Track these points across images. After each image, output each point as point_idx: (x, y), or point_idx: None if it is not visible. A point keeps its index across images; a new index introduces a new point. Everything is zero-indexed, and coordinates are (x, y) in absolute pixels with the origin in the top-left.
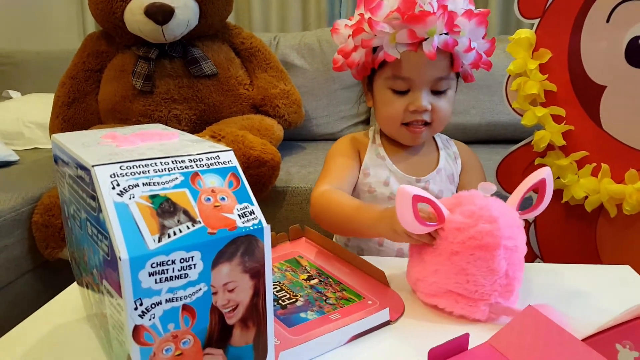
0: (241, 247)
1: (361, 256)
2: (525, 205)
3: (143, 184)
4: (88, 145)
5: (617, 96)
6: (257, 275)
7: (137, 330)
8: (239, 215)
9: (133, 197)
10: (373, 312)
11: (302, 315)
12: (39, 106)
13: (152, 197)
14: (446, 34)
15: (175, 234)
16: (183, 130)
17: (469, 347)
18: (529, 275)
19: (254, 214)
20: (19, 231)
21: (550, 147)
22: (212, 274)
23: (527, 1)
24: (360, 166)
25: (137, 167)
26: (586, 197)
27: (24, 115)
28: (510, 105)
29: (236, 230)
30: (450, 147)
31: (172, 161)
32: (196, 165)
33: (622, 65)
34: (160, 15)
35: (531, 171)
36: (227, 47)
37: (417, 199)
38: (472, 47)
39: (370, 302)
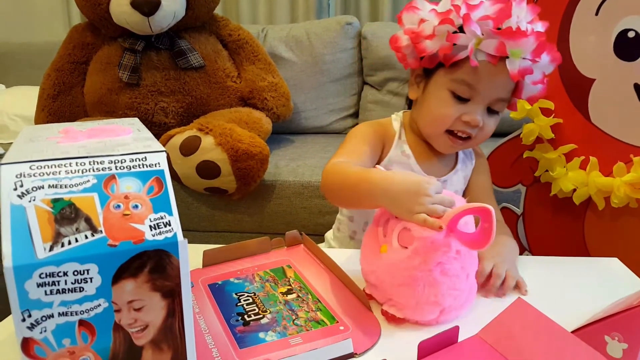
0: (149, 262)
1: None
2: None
3: (49, 185)
4: (33, 140)
5: (605, 89)
6: (171, 294)
7: (26, 343)
8: (150, 226)
9: (34, 200)
10: (339, 340)
11: (261, 335)
12: (23, 99)
13: (55, 200)
14: (527, 59)
15: (70, 243)
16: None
17: (459, 340)
18: (518, 267)
19: (169, 225)
20: None
21: (538, 140)
22: (113, 290)
23: None
24: (380, 157)
25: (49, 167)
26: (574, 190)
27: (8, 108)
28: None
29: (142, 244)
30: None
31: (90, 162)
32: (115, 167)
33: (610, 59)
34: (147, 6)
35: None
36: (214, 39)
37: None
38: (540, 80)
39: (342, 328)
